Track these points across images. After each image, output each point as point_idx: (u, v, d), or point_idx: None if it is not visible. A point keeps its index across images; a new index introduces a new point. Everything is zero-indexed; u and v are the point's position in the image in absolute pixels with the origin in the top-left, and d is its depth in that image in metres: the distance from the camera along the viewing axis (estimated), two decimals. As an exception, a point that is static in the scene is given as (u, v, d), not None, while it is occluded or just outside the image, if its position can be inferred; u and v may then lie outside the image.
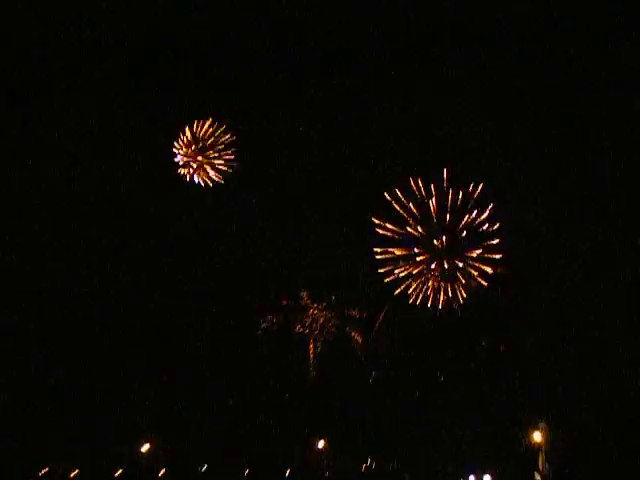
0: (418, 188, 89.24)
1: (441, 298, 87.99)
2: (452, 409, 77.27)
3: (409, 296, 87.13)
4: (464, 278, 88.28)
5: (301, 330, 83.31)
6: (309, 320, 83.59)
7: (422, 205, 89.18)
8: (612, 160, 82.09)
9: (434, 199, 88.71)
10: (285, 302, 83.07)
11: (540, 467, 73.58)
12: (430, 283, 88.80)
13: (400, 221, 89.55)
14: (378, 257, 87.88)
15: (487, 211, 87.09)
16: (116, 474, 75.37)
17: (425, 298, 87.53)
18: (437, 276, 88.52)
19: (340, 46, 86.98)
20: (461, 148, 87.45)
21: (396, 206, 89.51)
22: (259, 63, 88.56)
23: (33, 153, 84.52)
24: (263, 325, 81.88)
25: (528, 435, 74.07)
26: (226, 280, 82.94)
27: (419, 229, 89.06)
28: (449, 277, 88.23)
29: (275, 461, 75.84)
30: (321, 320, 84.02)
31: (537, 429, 73.93)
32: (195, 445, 75.14)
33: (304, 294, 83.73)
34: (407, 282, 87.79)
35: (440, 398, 78.48)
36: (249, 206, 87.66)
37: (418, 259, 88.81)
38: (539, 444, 73.47)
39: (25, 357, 75.73)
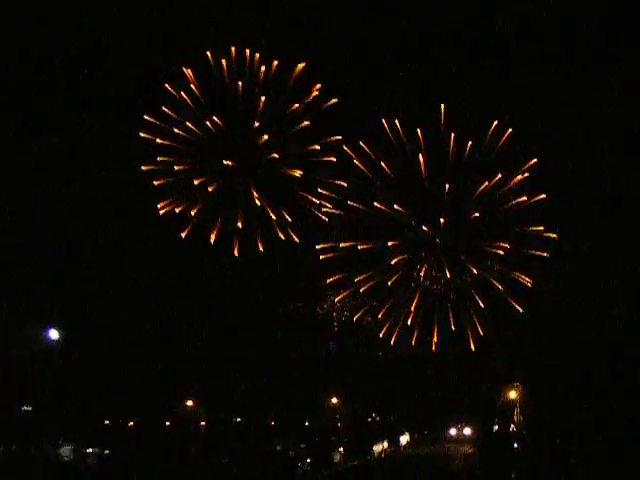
0: (396, 135, 64.27)
1: (435, 336, 67.52)
2: (442, 374, 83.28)
3: (377, 324, 69.29)
4: (480, 296, 64.37)
5: (322, 312, 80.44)
6: (329, 303, 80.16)
7: (402, 164, 65.53)
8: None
9: (422, 153, 62.98)
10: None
11: (515, 419, 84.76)
12: (415, 304, 64.97)
13: (366, 191, 64.52)
14: (323, 257, 67.76)
15: (524, 170, 62.10)
16: (166, 423, 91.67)
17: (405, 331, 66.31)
18: (428, 290, 64.06)
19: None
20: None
21: (358, 164, 64.80)
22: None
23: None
24: (290, 307, 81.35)
25: (505, 393, 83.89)
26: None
27: (397, 206, 62.24)
28: (449, 292, 64.47)
29: (297, 414, 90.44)
30: (339, 304, 79.85)
31: (513, 388, 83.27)
32: (229, 401, 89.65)
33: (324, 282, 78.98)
34: (369, 304, 68.10)
35: (432, 366, 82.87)
36: None
37: (394, 261, 64.50)
38: (514, 400, 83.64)
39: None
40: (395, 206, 63.45)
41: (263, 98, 73.71)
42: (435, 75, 75.43)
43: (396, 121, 65.31)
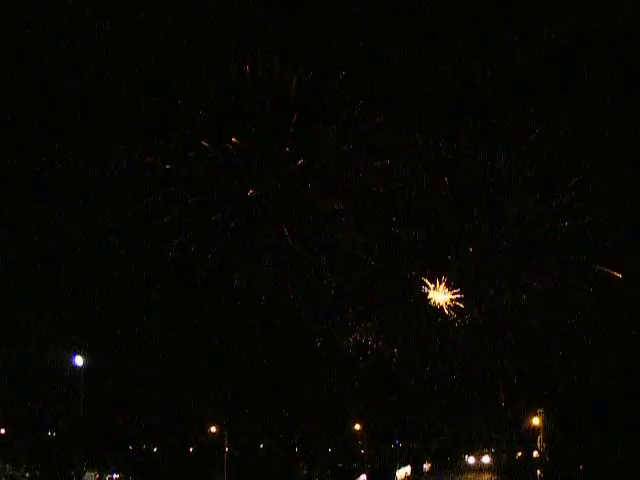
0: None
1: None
2: (464, 401, 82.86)
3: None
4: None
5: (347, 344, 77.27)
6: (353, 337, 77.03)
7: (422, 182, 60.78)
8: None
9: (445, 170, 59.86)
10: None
11: (538, 446, 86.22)
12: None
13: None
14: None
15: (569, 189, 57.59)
16: (190, 450, 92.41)
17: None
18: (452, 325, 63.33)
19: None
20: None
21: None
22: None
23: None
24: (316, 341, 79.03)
25: (529, 419, 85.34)
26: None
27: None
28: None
29: (321, 440, 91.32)
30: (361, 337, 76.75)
31: (536, 414, 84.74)
32: (253, 428, 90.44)
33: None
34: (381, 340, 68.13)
35: (454, 394, 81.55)
36: None
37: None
38: (538, 427, 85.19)
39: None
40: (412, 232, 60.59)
41: (295, 115, 63.09)
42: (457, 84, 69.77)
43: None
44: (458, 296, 64.41)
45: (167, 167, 64.17)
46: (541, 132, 61.14)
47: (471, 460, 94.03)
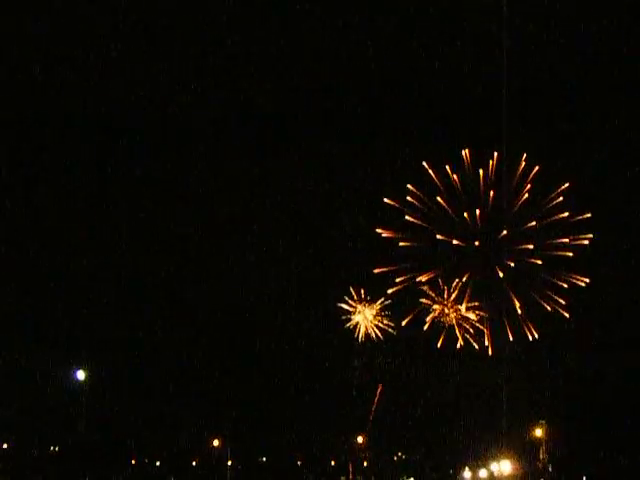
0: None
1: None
2: (467, 415, 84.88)
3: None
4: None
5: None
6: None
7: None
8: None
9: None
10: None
11: (541, 457, 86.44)
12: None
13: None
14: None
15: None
16: (193, 463, 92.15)
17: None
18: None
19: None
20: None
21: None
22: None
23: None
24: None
25: (531, 431, 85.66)
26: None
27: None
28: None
29: (323, 454, 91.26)
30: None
31: (538, 426, 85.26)
32: (256, 441, 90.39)
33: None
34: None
35: (458, 410, 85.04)
36: None
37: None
38: (540, 438, 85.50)
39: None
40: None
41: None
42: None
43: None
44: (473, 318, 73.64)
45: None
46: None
47: (467, 475, 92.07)
